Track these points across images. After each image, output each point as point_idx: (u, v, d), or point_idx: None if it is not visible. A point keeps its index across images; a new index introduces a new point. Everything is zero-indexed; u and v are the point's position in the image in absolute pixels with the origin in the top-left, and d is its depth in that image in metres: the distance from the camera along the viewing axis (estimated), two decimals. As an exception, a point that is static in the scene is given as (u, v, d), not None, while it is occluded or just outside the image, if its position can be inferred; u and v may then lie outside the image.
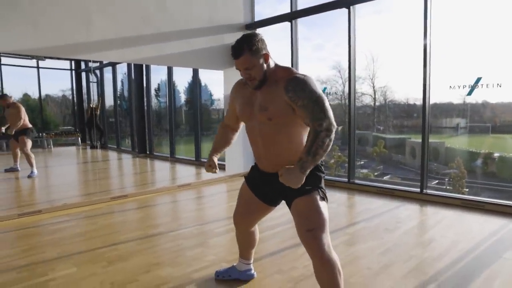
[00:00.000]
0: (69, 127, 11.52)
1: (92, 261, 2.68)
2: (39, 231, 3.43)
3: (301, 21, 5.50)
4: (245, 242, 2.24)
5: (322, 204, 1.74)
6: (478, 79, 4.11)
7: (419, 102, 4.45)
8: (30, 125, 6.15)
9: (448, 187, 6.89)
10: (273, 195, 1.94)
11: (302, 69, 5.92)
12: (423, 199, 4.35)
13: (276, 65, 1.78)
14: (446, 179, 8.27)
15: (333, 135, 1.61)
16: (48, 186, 5.65)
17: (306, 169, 1.59)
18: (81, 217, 3.85)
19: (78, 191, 5.29)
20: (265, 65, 1.71)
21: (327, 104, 1.63)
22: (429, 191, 4.42)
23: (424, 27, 4.20)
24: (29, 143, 6.07)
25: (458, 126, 8.48)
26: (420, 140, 4.55)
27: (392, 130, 10.72)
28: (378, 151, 10.63)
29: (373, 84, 10.14)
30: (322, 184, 1.81)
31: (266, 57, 1.71)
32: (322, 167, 1.85)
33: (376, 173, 9.44)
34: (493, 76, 4.09)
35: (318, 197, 1.74)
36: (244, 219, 2.12)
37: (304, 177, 1.61)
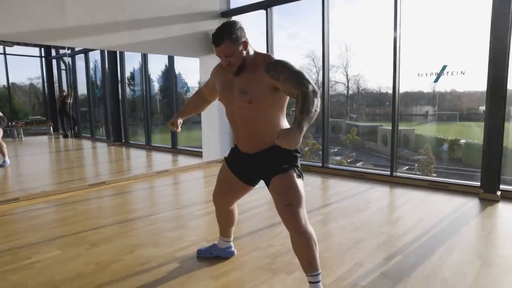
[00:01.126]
0: (38, 117, 11.18)
1: (75, 244, 2.73)
2: (17, 218, 3.42)
3: (276, 9, 5.58)
4: (225, 220, 2.36)
5: (299, 182, 1.87)
6: (444, 67, 4.35)
7: (391, 90, 4.66)
8: (1, 114, 5.97)
9: (417, 173, 7.23)
10: (252, 175, 2.06)
11: (277, 57, 6.02)
12: (393, 181, 4.60)
13: (255, 52, 1.88)
14: (416, 165, 8.66)
15: (320, 96, 1.64)
16: (23, 175, 5.56)
17: (303, 126, 1.53)
18: (60, 203, 3.85)
19: (55, 179, 5.24)
20: (244, 52, 1.80)
21: (306, 76, 1.69)
22: (398, 174, 4.67)
23: (394, 17, 4.38)
24: (0, 132, 5.90)
25: (428, 113, 8.86)
26: (389, 127, 4.78)
27: (365, 118, 11.03)
28: (351, 139, 10.94)
29: (347, 72, 10.36)
30: (298, 164, 1.95)
31: (245, 44, 1.80)
32: (298, 148, 1.98)
33: (349, 160, 9.74)
34: (458, 64, 4.35)
35: (295, 175, 1.87)
36: (224, 198, 2.24)
37: (302, 134, 1.56)
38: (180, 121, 2.20)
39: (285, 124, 1.93)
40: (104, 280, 2.16)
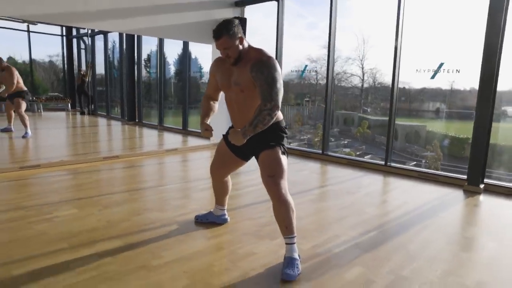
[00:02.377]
0: (56, 94, 11.64)
1: (90, 205, 3.11)
2: (40, 181, 3.83)
3: None
4: (220, 190, 2.69)
5: (283, 157, 2.18)
6: (441, 64, 4.55)
7: (408, 86, 4.84)
8: (25, 88, 6.39)
9: (423, 168, 7.41)
10: (245, 151, 2.38)
11: (295, 47, 6.16)
12: (386, 170, 4.86)
13: (249, 46, 2.17)
14: (423, 161, 8.82)
15: (274, 114, 1.99)
16: (43, 146, 5.99)
17: (246, 135, 2.02)
18: (76, 172, 4.25)
19: (72, 151, 5.65)
20: (240, 46, 2.10)
21: (277, 87, 1.99)
22: (392, 164, 4.93)
23: (397, 13, 4.57)
24: (23, 105, 6.33)
25: (439, 110, 8.91)
26: (403, 123, 4.98)
27: (379, 112, 11.11)
28: (361, 132, 11.08)
29: (362, 65, 10.40)
30: (284, 142, 2.25)
31: (241, 40, 2.10)
32: (286, 129, 2.28)
33: (358, 153, 9.92)
34: (454, 62, 4.53)
35: (280, 151, 2.18)
36: (220, 170, 2.56)
37: (244, 140, 2.04)
38: (208, 124, 2.38)
39: None
40: (114, 234, 2.53)
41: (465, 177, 4.23)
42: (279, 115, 2.22)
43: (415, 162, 8.44)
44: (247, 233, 2.64)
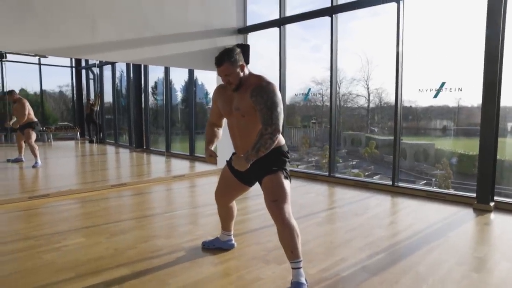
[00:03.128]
0: (66, 123, 11.88)
1: (98, 233, 3.13)
2: (49, 211, 3.88)
3: (299, 23, 5.83)
4: (225, 215, 2.71)
5: (285, 182, 2.20)
6: (443, 84, 4.59)
7: (415, 104, 4.87)
8: (35, 119, 6.56)
9: (434, 187, 7.32)
10: (248, 176, 2.39)
11: (299, 70, 6.27)
12: (394, 191, 4.82)
13: (250, 72, 2.24)
14: (433, 179, 8.72)
15: (276, 137, 2.04)
16: (52, 175, 6.08)
17: (249, 160, 2.06)
18: (85, 201, 4.29)
19: (80, 179, 5.73)
20: (241, 73, 2.17)
21: (277, 111, 2.05)
22: (400, 184, 4.90)
23: (396, 35, 4.67)
24: (33, 136, 6.48)
25: (446, 128, 8.86)
26: (411, 142, 4.97)
27: (386, 131, 11.10)
28: (369, 152, 11.05)
29: (368, 86, 10.49)
30: (287, 167, 2.27)
31: (242, 67, 2.17)
32: (288, 153, 2.31)
33: (367, 173, 9.86)
34: (456, 81, 4.57)
35: (282, 176, 2.20)
36: (224, 196, 2.59)
37: (248, 165, 2.08)
38: (212, 150, 2.43)
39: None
40: (121, 262, 2.53)
41: (474, 195, 4.19)
42: (281, 139, 2.26)
43: (425, 181, 8.34)
44: (254, 258, 2.63)
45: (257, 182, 2.39)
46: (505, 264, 2.56)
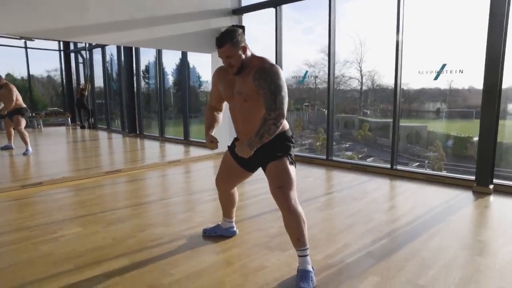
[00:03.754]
0: (55, 108, 11.62)
1: (94, 222, 3.05)
2: (42, 199, 3.77)
3: (292, 5, 5.68)
4: (227, 202, 2.64)
5: (291, 167, 2.13)
6: (443, 65, 4.52)
7: (406, 87, 4.80)
8: (24, 105, 6.37)
9: (427, 169, 7.35)
10: (251, 162, 2.31)
11: (293, 53, 6.18)
12: (392, 174, 4.80)
13: (252, 54, 2.12)
14: (426, 161, 8.77)
15: (280, 123, 1.95)
16: (44, 162, 5.94)
17: (253, 146, 1.99)
18: (79, 188, 4.19)
19: (74, 166, 5.60)
20: (243, 55, 2.05)
21: (281, 95, 1.95)
22: (398, 167, 4.88)
23: (397, 15, 4.55)
24: (23, 122, 6.30)
25: (439, 110, 8.88)
26: (404, 124, 4.94)
27: (379, 114, 11.09)
28: (362, 134, 11.05)
29: (361, 68, 10.40)
30: (291, 152, 2.20)
31: (244, 49, 2.05)
32: (292, 139, 2.23)
33: (360, 156, 9.86)
34: (457, 63, 4.51)
35: (288, 162, 2.12)
36: (226, 182, 2.51)
37: (252, 151, 2.01)
38: (213, 136, 2.34)
39: None
40: (120, 252, 2.47)
41: (473, 178, 4.18)
42: (285, 124, 2.18)
43: (418, 163, 8.38)
44: (257, 245, 2.58)
45: (260, 168, 2.32)
46: (508, 248, 2.55)
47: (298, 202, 2.11)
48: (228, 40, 1.99)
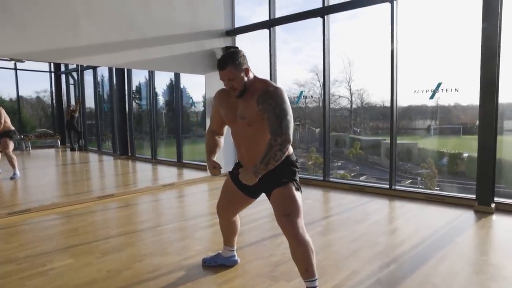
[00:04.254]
0: (44, 130, 11.40)
1: (87, 253, 2.88)
2: (31, 228, 3.59)
3: (280, 25, 5.76)
4: (228, 230, 2.52)
5: (297, 194, 2.03)
6: (439, 84, 4.53)
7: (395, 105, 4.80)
8: (12, 127, 6.19)
9: (420, 186, 7.32)
10: (254, 188, 2.19)
11: (282, 73, 6.22)
12: (391, 194, 4.73)
13: (255, 77, 2.06)
14: (419, 179, 8.76)
15: (286, 148, 1.89)
16: (33, 187, 5.74)
17: (258, 173, 1.92)
18: (70, 215, 4.01)
19: (64, 191, 5.42)
20: (245, 78, 1.98)
21: (287, 119, 1.89)
22: (397, 187, 4.81)
23: (391, 35, 4.58)
24: (11, 145, 6.11)
25: (430, 127, 8.95)
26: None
27: (369, 132, 11.14)
28: (354, 152, 11.05)
29: (350, 87, 10.52)
30: (297, 177, 2.11)
31: (247, 71, 1.99)
32: (297, 163, 2.14)
33: (352, 174, 9.81)
34: (453, 81, 4.53)
35: (293, 188, 2.03)
36: (228, 209, 2.40)
37: (257, 179, 1.93)
38: (215, 162, 2.23)
39: None
40: (116, 286, 2.31)
41: (473, 196, 4.13)
42: (290, 148, 2.09)
43: (410, 180, 8.36)
44: (260, 275, 2.45)
45: (263, 193, 2.22)
46: (520, 271, 2.47)
47: (306, 230, 2.01)
48: (230, 63, 1.92)
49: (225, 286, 2.31)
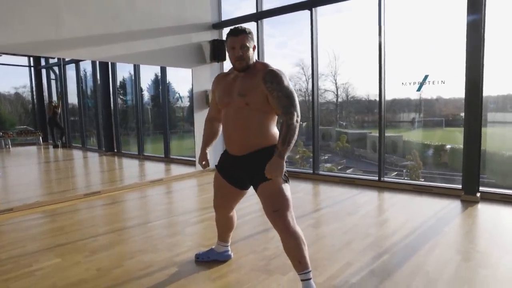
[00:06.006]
0: (25, 127, 11.09)
1: (75, 251, 2.80)
2: (14, 227, 3.47)
3: (265, 20, 5.74)
4: (225, 226, 2.47)
5: (285, 187, 2.00)
6: (426, 76, 4.57)
7: (378, 98, 4.85)
8: None
9: (405, 178, 7.44)
10: (241, 179, 2.16)
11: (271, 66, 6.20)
12: (380, 186, 4.77)
13: (256, 60, 2.07)
14: (404, 170, 8.90)
15: (298, 126, 1.92)
16: (14, 186, 5.57)
17: (284, 156, 1.87)
18: (56, 213, 3.90)
19: (48, 189, 5.28)
20: (253, 53, 2.01)
21: (296, 99, 1.93)
22: (386, 179, 4.85)
23: (378, 27, 4.58)
24: None
25: (414, 120, 9.11)
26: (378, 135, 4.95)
27: (354, 125, 11.24)
28: (341, 146, 11.13)
29: (336, 81, 10.57)
30: (284, 169, 2.02)
31: (254, 48, 2.03)
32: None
33: (339, 167, 9.88)
34: (439, 73, 4.57)
35: (282, 181, 1.99)
36: (222, 205, 2.35)
37: (284, 162, 1.89)
38: (206, 156, 2.30)
39: (274, 130, 2.06)
40: (106, 285, 2.25)
41: (459, 186, 4.20)
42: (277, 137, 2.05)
43: (396, 172, 8.49)
44: (255, 269, 2.43)
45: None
46: (508, 258, 2.51)
47: (296, 222, 1.98)
48: (245, 31, 1.97)
49: (219, 282, 2.28)
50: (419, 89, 4.61)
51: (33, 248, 2.90)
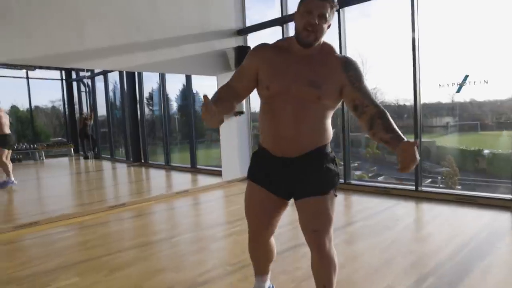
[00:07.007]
0: (59, 138, 11.40)
1: (95, 269, 2.68)
2: (37, 242, 3.41)
3: (292, 24, 5.56)
4: (265, 256, 2.02)
5: (333, 203, 1.69)
6: (466, 77, 4.21)
7: (409, 103, 4.53)
8: (7, 132, 5.79)
9: (441, 185, 7.00)
10: (286, 186, 1.71)
11: None
12: (418, 196, 4.41)
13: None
14: (439, 177, 8.41)
15: None
16: (43, 198, 5.61)
17: (413, 143, 1.37)
18: (80, 227, 3.83)
19: (75, 201, 5.26)
20: (327, 30, 1.60)
21: None
22: (424, 188, 4.49)
23: (411, 23, 4.27)
24: (4, 152, 5.77)
25: (448, 125, 8.64)
26: (412, 140, 4.61)
27: (385, 131, 10.82)
28: (371, 152, 10.71)
29: (364, 85, 10.25)
30: (338, 182, 1.74)
31: (330, 26, 1.62)
32: (336, 158, 1.77)
33: (370, 174, 9.51)
34: (480, 73, 4.20)
35: (333, 198, 1.69)
36: (264, 225, 1.85)
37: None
38: (216, 109, 1.42)
39: (330, 128, 1.73)
40: (124, 308, 2.09)
41: (509, 196, 3.79)
42: (330, 134, 1.72)
43: (430, 179, 8.04)
44: (284, 293, 2.20)
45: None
46: None
47: (332, 244, 1.71)
48: (331, 1, 1.54)
49: (245, 307, 2.07)
50: (458, 91, 4.25)
51: (53, 264, 2.80)
